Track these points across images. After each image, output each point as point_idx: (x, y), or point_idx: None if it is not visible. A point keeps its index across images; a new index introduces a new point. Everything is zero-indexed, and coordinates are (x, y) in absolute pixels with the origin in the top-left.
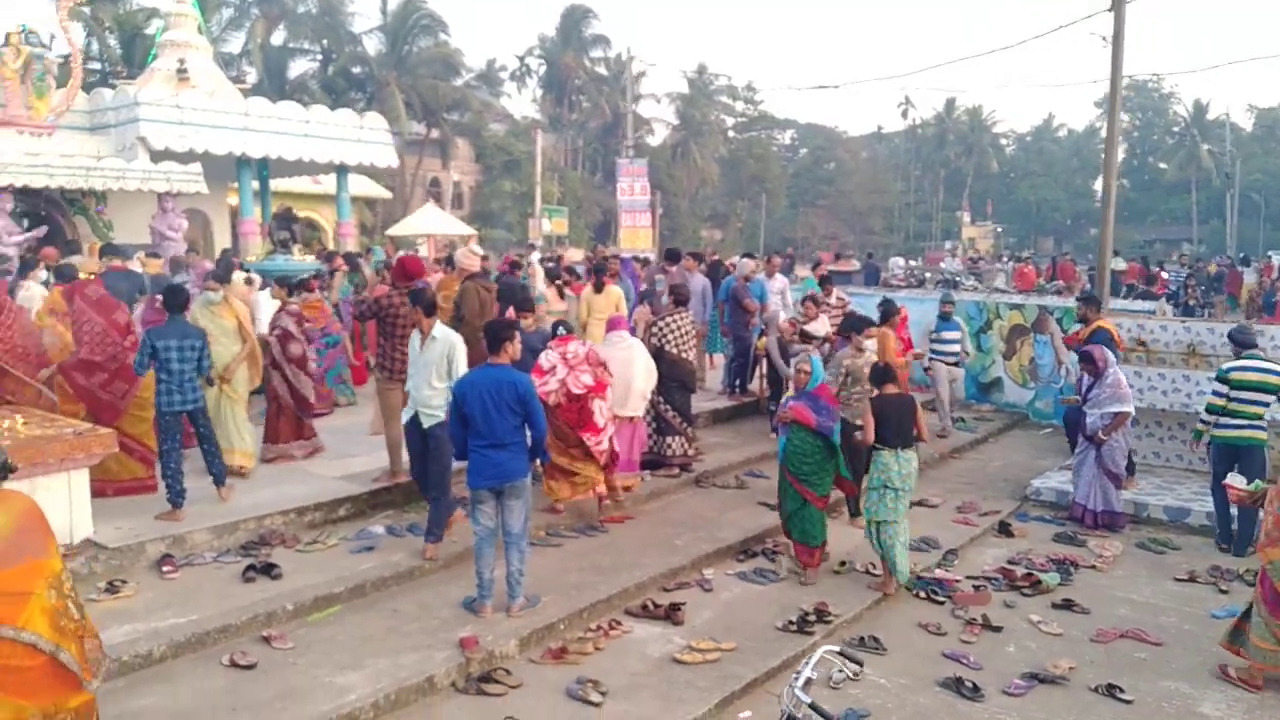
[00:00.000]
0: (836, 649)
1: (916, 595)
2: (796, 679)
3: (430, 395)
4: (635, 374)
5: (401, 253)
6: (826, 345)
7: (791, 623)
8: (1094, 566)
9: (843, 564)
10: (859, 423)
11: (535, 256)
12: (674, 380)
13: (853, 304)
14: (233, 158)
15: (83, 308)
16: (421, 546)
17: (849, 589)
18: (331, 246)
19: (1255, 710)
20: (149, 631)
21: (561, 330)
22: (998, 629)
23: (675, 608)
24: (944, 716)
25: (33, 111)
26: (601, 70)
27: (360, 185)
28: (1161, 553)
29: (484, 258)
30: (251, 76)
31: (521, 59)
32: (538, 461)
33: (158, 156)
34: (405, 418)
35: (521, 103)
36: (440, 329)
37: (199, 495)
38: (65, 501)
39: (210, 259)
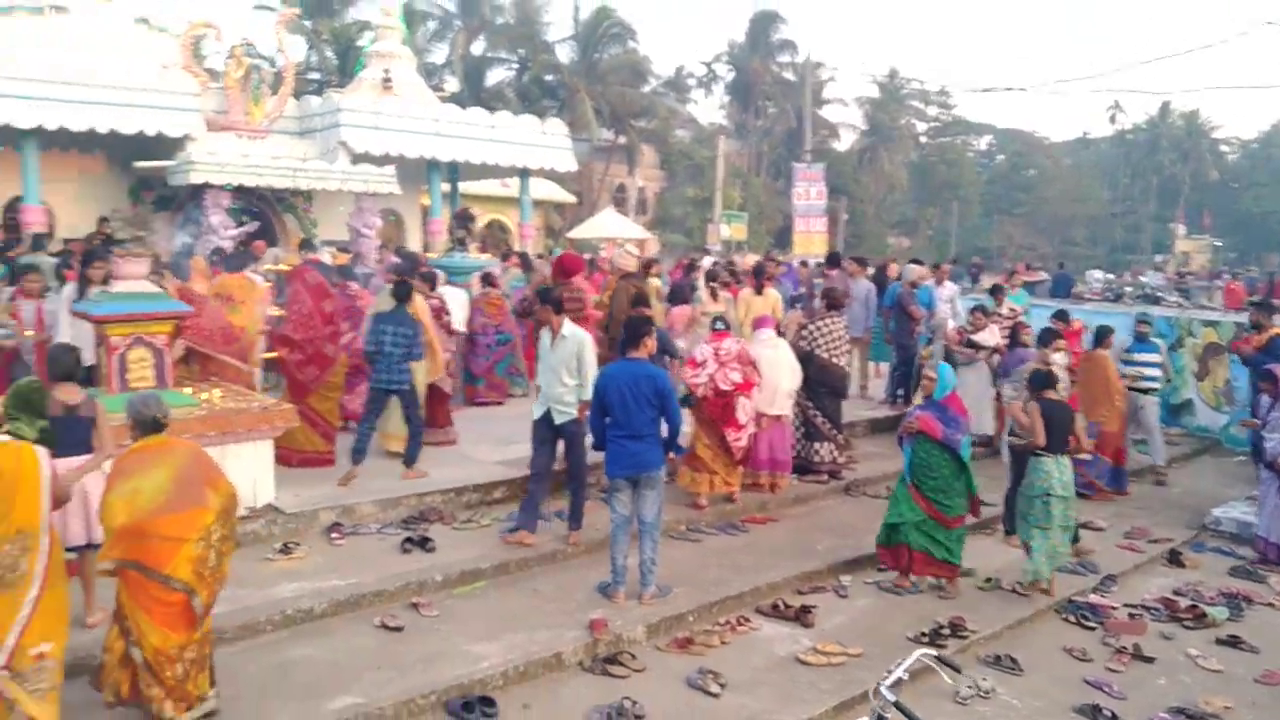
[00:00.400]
0: (934, 654)
1: (1065, 619)
2: (886, 678)
3: (562, 392)
4: (781, 374)
5: (558, 252)
6: (995, 356)
7: (924, 634)
8: (1271, 604)
9: (988, 580)
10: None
11: (707, 261)
12: (823, 386)
13: (1024, 315)
14: (424, 161)
15: (299, 290)
16: (565, 532)
17: (991, 605)
18: (516, 247)
19: None
20: (313, 590)
21: (719, 325)
22: (1149, 660)
23: (806, 610)
24: None
25: (249, 117)
26: (789, 76)
27: (546, 190)
28: None
29: (651, 259)
30: (452, 85)
31: (708, 65)
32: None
33: (357, 159)
34: (537, 413)
35: (707, 109)
36: (569, 327)
37: (375, 469)
38: (251, 467)
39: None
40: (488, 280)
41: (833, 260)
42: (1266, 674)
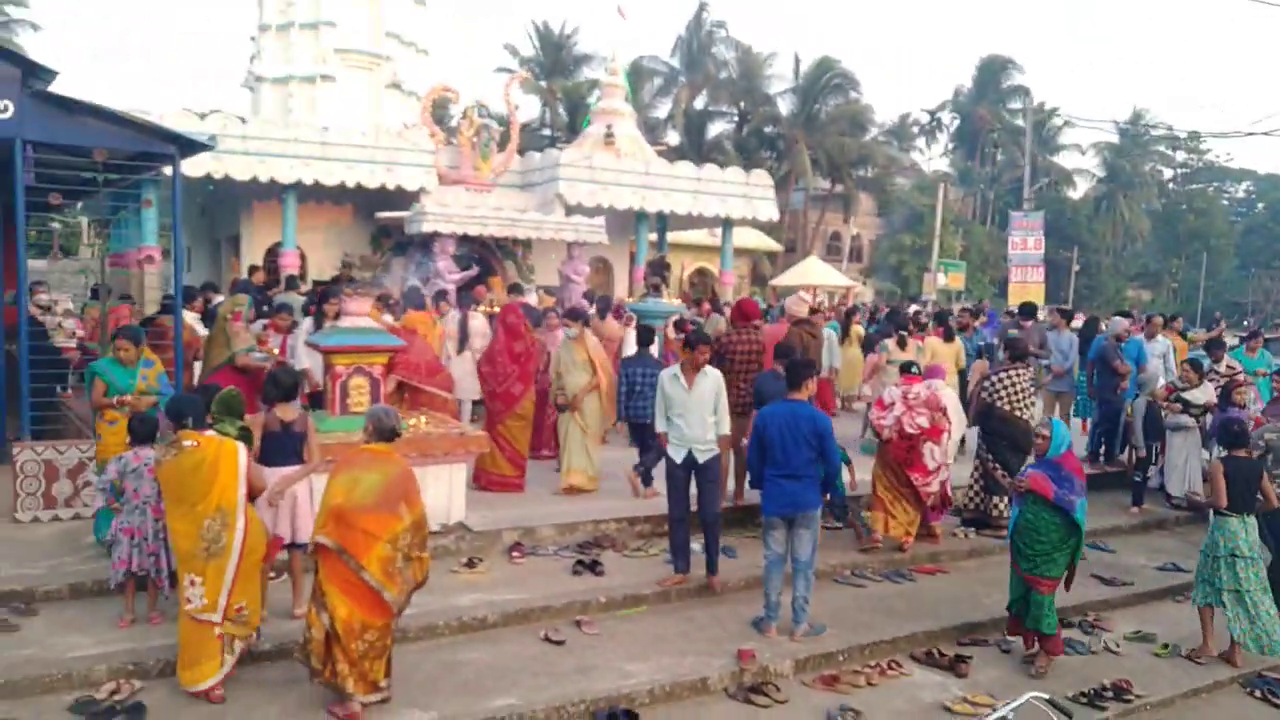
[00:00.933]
0: (1046, 697)
1: (1251, 694)
2: (990, 714)
3: (703, 431)
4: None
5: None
6: (1207, 416)
7: (1084, 694)
8: None
9: (1165, 647)
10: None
11: (913, 309)
12: (1003, 438)
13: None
14: (632, 212)
15: (497, 330)
16: (730, 567)
17: (1164, 673)
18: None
19: None
20: (488, 602)
21: (914, 370)
22: None
23: (961, 659)
24: None
25: (478, 172)
26: (1018, 122)
27: (754, 238)
28: None
29: (853, 307)
30: (673, 138)
31: (932, 113)
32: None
33: (571, 210)
34: (677, 457)
35: (932, 156)
36: (710, 369)
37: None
38: (446, 487)
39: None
40: (679, 325)
41: (1026, 311)
42: None
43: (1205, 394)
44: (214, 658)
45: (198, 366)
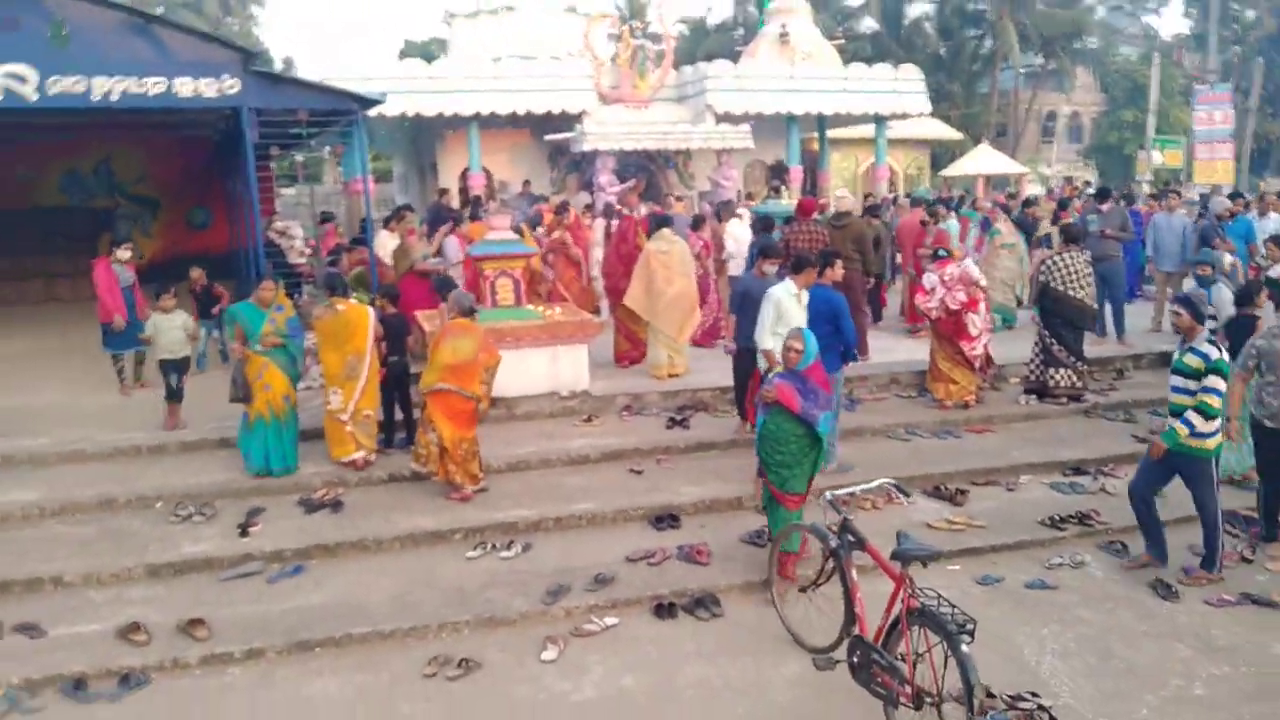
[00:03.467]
0: (892, 481)
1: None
2: (834, 493)
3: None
4: None
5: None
6: None
7: (1050, 519)
8: None
9: None
10: (1269, 422)
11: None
12: (1058, 316)
13: None
14: (780, 116)
15: (614, 238)
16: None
17: None
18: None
19: None
20: (594, 445)
21: (942, 253)
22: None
23: (962, 492)
24: (1129, 613)
25: (637, 89)
26: None
27: (933, 129)
28: None
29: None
30: (869, 24)
31: None
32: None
33: (721, 119)
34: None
35: (1170, 22)
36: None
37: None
38: (573, 363)
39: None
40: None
41: (1102, 194)
42: None
43: None
44: (347, 443)
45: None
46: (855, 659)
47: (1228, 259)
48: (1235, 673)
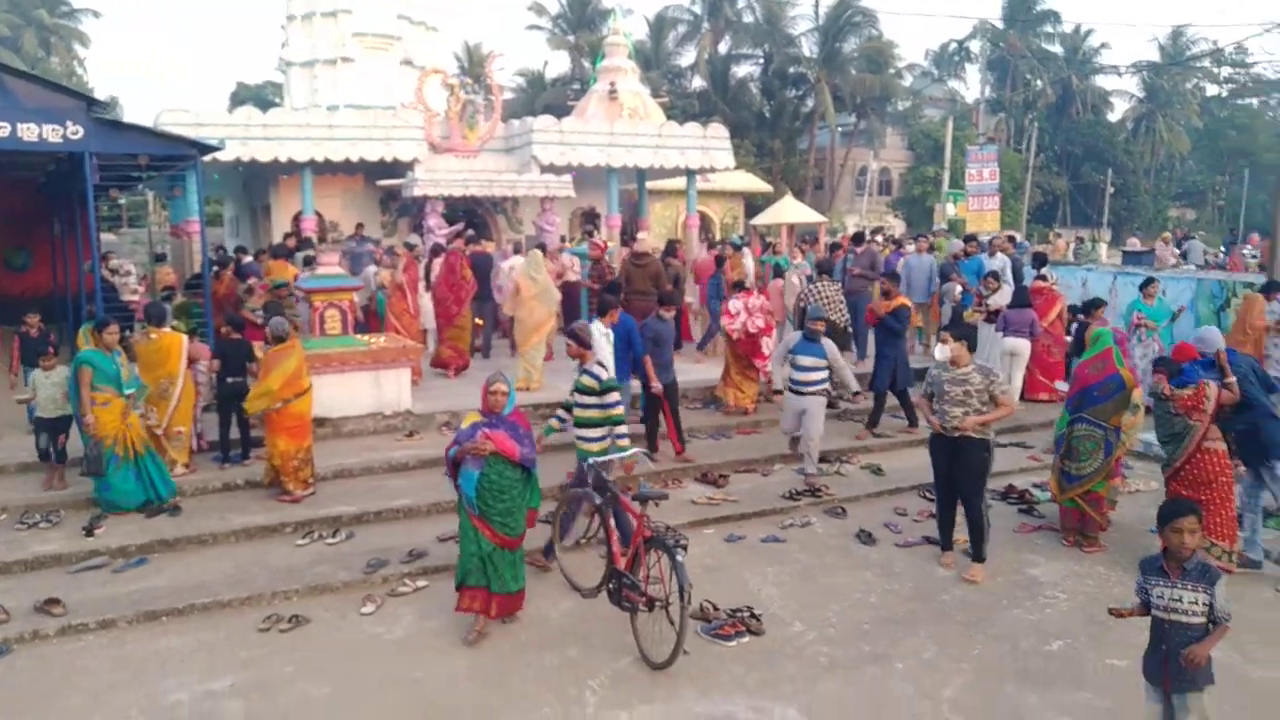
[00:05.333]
0: (645, 450)
1: (921, 495)
2: (595, 459)
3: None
4: None
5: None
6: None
7: (789, 494)
8: None
9: (879, 471)
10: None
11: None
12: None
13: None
14: (599, 168)
15: (442, 269)
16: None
17: (865, 484)
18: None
19: None
20: (414, 455)
21: (747, 285)
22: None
23: (724, 478)
24: (836, 555)
25: (466, 140)
26: (1052, 47)
27: (743, 181)
28: None
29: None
30: (698, 83)
31: (961, 43)
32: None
33: (546, 169)
34: None
35: (970, 87)
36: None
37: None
38: (396, 385)
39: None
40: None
41: (857, 239)
42: None
43: (1004, 298)
44: (164, 453)
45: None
46: (611, 586)
47: (957, 290)
48: (902, 587)
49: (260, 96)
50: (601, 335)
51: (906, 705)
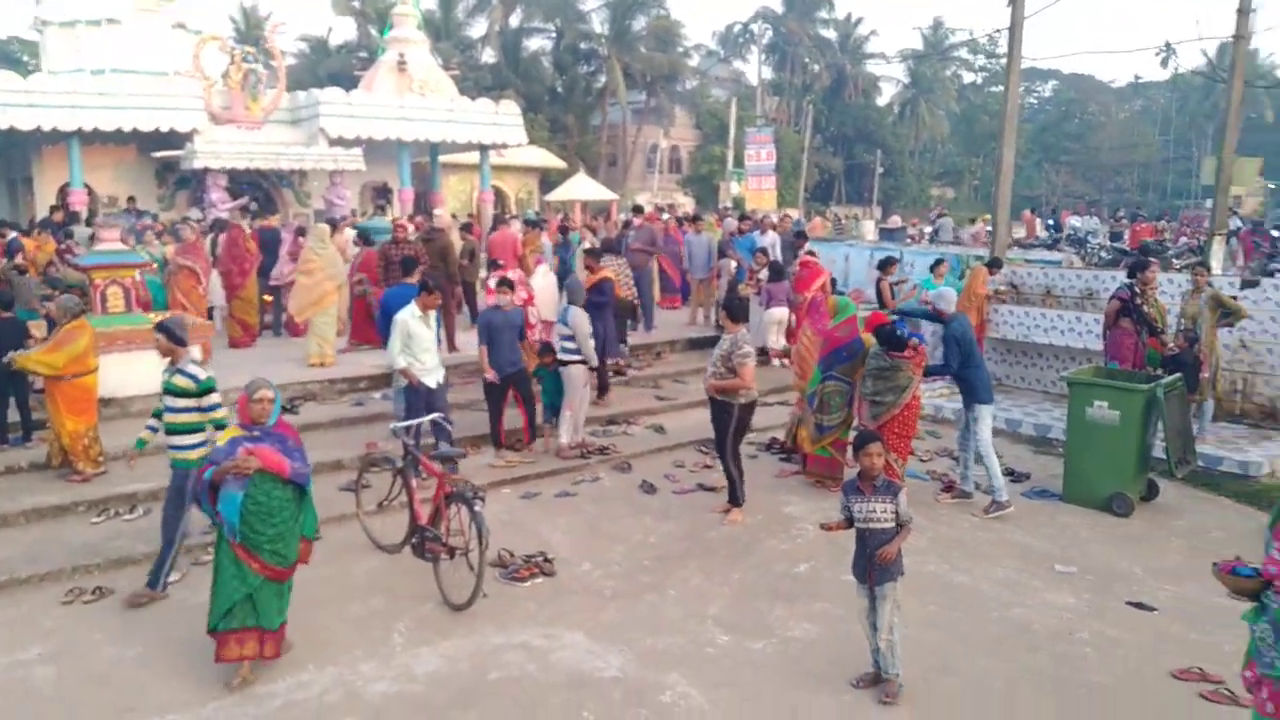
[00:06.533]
0: (440, 415)
1: (700, 450)
2: (396, 425)
3: None
4: (548, 296)
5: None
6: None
7: (581, 452)
8: None
9: (661, 430)
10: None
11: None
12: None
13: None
14: (390, 141)
15: (225, 242)
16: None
17: (649, 441)
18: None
19: None
20: None
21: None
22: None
23: (520, 441)
24: (621, 504)
25: (249, 111)
26: (827, 33)
27: (537, 156)
28: None
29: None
30: (490, 55)
31: (745, 25)
32: None
33: (334, 143)
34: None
35: (754, 69)
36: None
37: (282, 366)
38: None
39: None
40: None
41: (636, 212)
42: None
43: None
44: None
45: None
46: (414, 541)
47: (732, 265)
48: (678, 529)
49: (6, 54)
50: (417, 320)
51: (678, 623)
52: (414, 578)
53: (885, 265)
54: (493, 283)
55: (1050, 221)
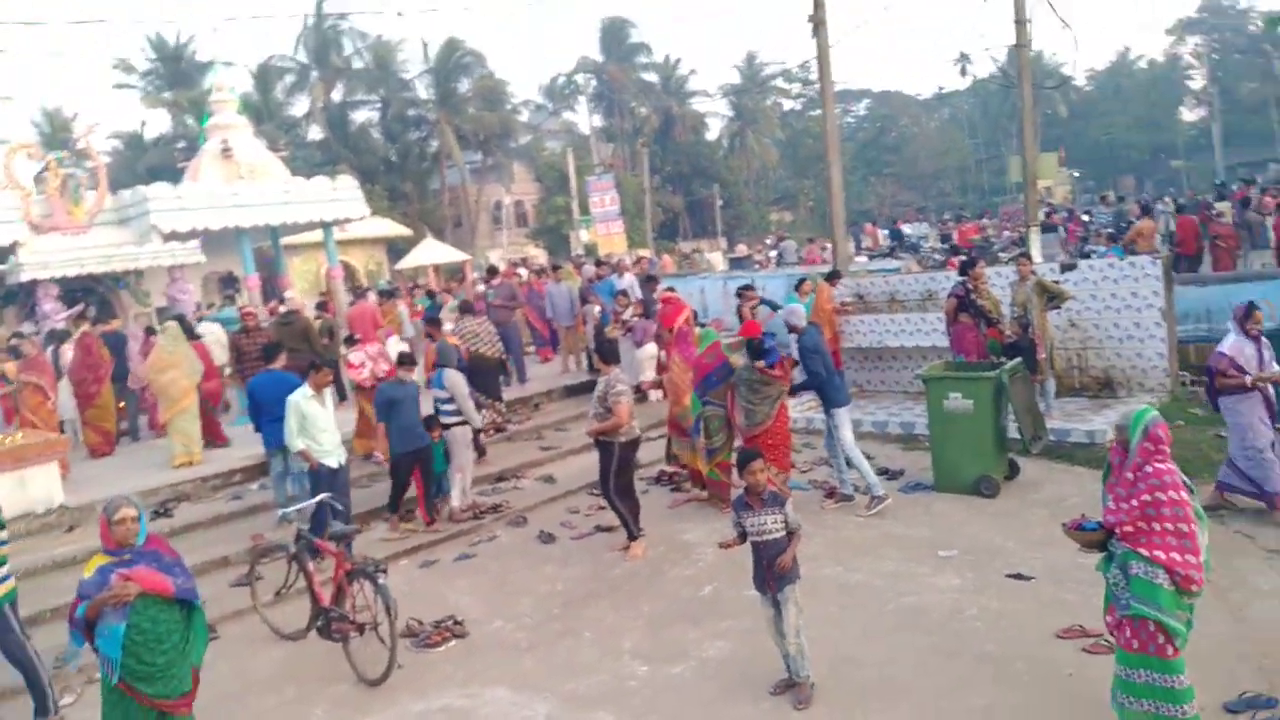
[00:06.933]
0: (328, 495)
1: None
2: (285, 511)
3: None
4: None
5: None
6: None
7: (474, 513)
8: None
9: (552, 479)
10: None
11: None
12: (474, 371)
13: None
14: (228, 230)
15: (77, 350)
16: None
17: (539, 493)
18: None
19: None
20: (81, 549)
21: (355, 337)
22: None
23: (409, 512)
24: (519, 558)
25: (71, 216)
26: (649, 77)
27: (384, 227)
28: None
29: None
30: (316, 132)
31: (569, 76)
32: None
33: (169, 237)
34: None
35: (584, 118)
36: None
37: (147, 472)
38: (44, 481)
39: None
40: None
41: (491, 272)
42: None
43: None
44: None
45: None
46: (319, 624)
47: (596, 309)
48: (581, 573)
49: None
50: (309, 400)
51: (597, 662)
52: (323, 660)
53: (744, 292)
54: (354, 357)
55: (888, 230)
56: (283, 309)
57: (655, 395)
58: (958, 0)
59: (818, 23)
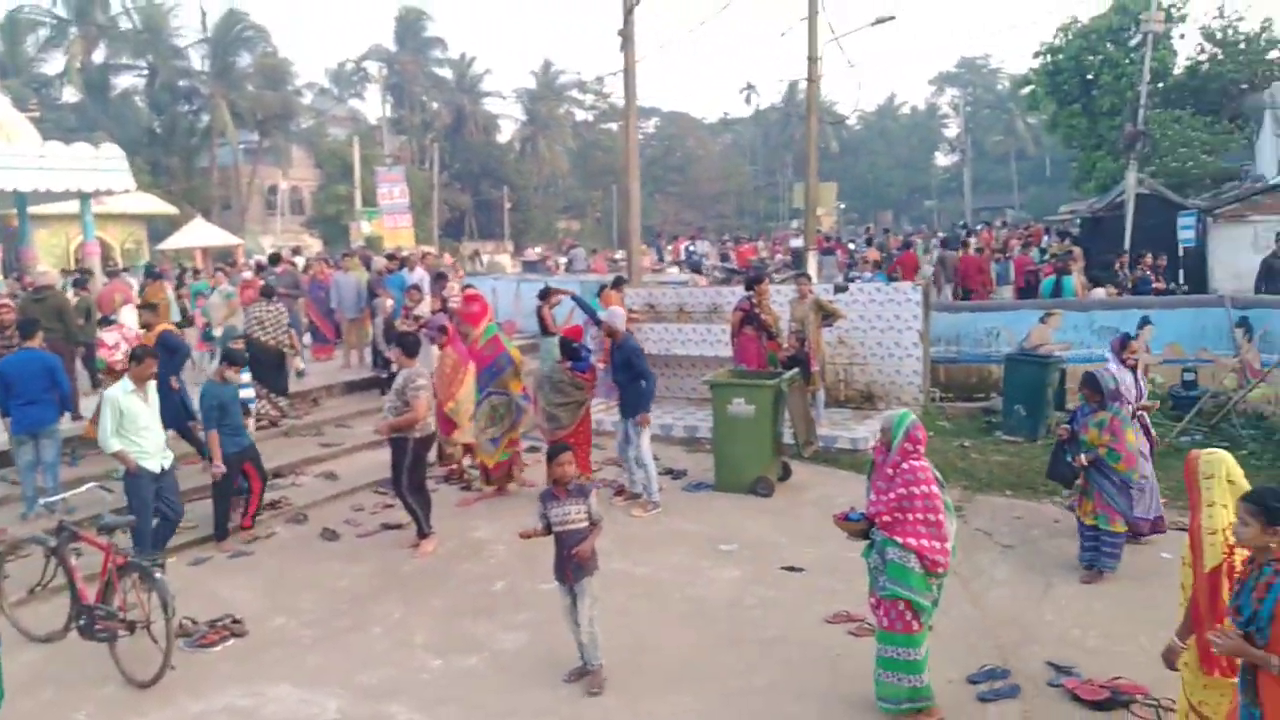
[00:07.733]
0: (98, 483)
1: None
2: (46, 500)
3: None
4: None
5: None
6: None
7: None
8: None
9: (335, 477)
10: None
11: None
12: (256, 360)
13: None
14: None
15: None
16: None
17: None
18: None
19: None
20: None
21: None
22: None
23: None
24: (298, 552)
25: None
26: (443, 72)
27: (146, 204)
28: None
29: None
30: (70, 94)
31: (358, 63)
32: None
33: None
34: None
35: (373, 107)
36: None
37: None
38: None
39: None
40: None
41: (274, 259)
42: None
43: (428, 307)
44: None
45: None
46: (82, 622)
47: (389, 303)
48: (369, 569)
49: None
50: (129, 395)
51: (387, 655)
52: (84, 662)
53: (545, 295)
54: (108, 338)
55: (688, 246)
56: (35, 284)
57: None
58: (754, 31)
59: (626, 38)
